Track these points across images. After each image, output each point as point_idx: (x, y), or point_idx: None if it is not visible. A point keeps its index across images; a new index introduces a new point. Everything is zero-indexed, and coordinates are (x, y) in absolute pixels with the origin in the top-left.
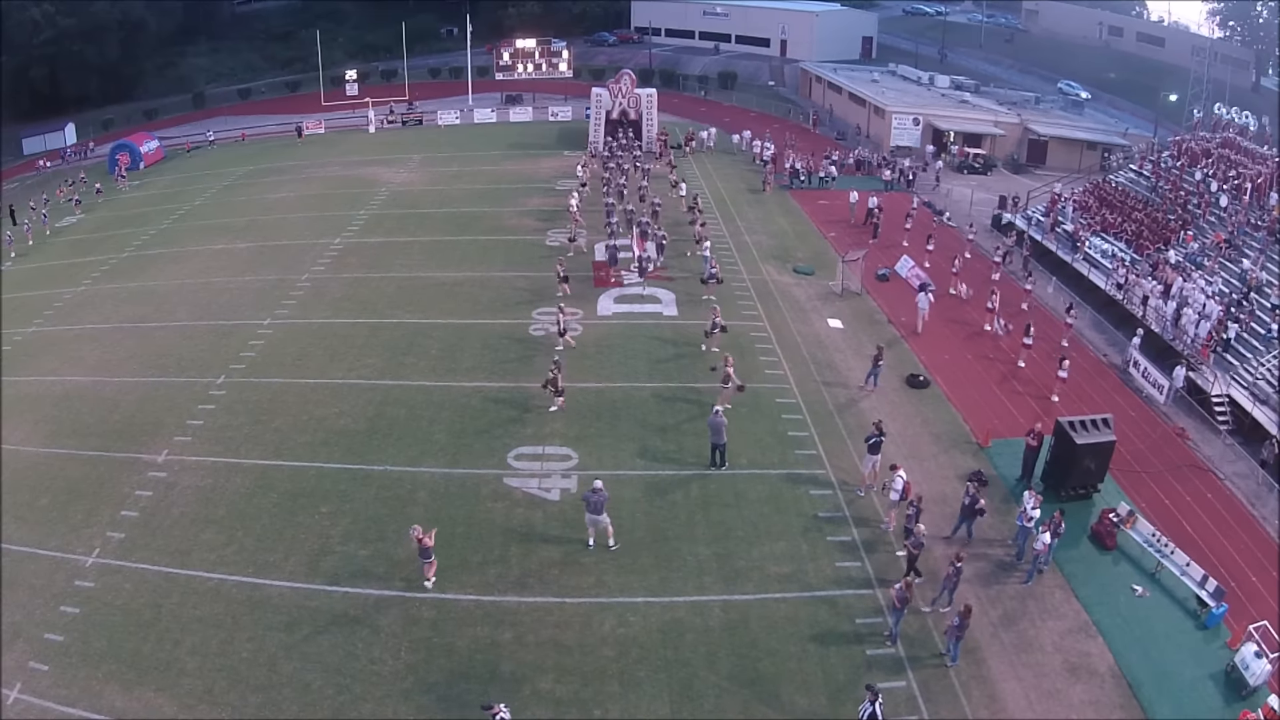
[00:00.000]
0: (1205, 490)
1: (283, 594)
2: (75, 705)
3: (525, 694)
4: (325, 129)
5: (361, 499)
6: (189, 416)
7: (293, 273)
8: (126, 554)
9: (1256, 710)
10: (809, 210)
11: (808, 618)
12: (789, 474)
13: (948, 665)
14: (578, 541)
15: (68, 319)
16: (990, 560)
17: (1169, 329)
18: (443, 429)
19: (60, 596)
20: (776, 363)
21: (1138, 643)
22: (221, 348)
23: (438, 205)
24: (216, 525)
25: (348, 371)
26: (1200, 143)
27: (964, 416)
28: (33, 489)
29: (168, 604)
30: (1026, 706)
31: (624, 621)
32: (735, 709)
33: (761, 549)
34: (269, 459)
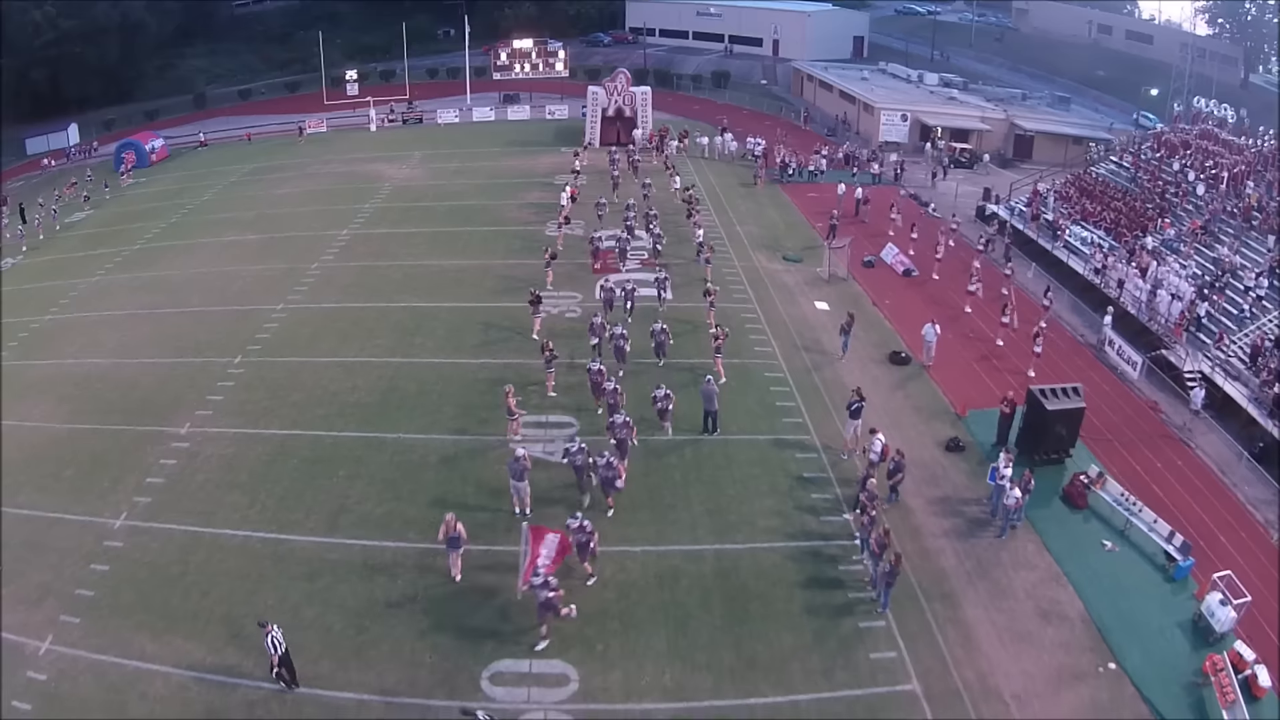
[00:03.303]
0: (1176, 458)
1: (304, 548)
2: (106, 653)
3: (533, 632)
4: (327, 128)
5: (376, 463)
6: (209, 393)
7: (302, 262)
8: (153, 516)
9: (1222, 654)
10: (798, 202)
11: (794, 565)
12: (776, 439)
13: (879, 610)
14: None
15: (84, 307)
16: (965, 517)
17: (1144, 310)
18: (451, 401)
19: (89, 556)
20: (765, 341)
21: (1107, 593)
22: (237, 331)
23: (440, 199)
24: (240, 489)
25: (359, 350)
26: (1179, 135)
27: (943, 390)
28: (58, 461)
29: (195, 560)
30: (1000, 646)
31: (623, 568)
32: (727, 645)
33: (751, 505)
34: (288, 429)
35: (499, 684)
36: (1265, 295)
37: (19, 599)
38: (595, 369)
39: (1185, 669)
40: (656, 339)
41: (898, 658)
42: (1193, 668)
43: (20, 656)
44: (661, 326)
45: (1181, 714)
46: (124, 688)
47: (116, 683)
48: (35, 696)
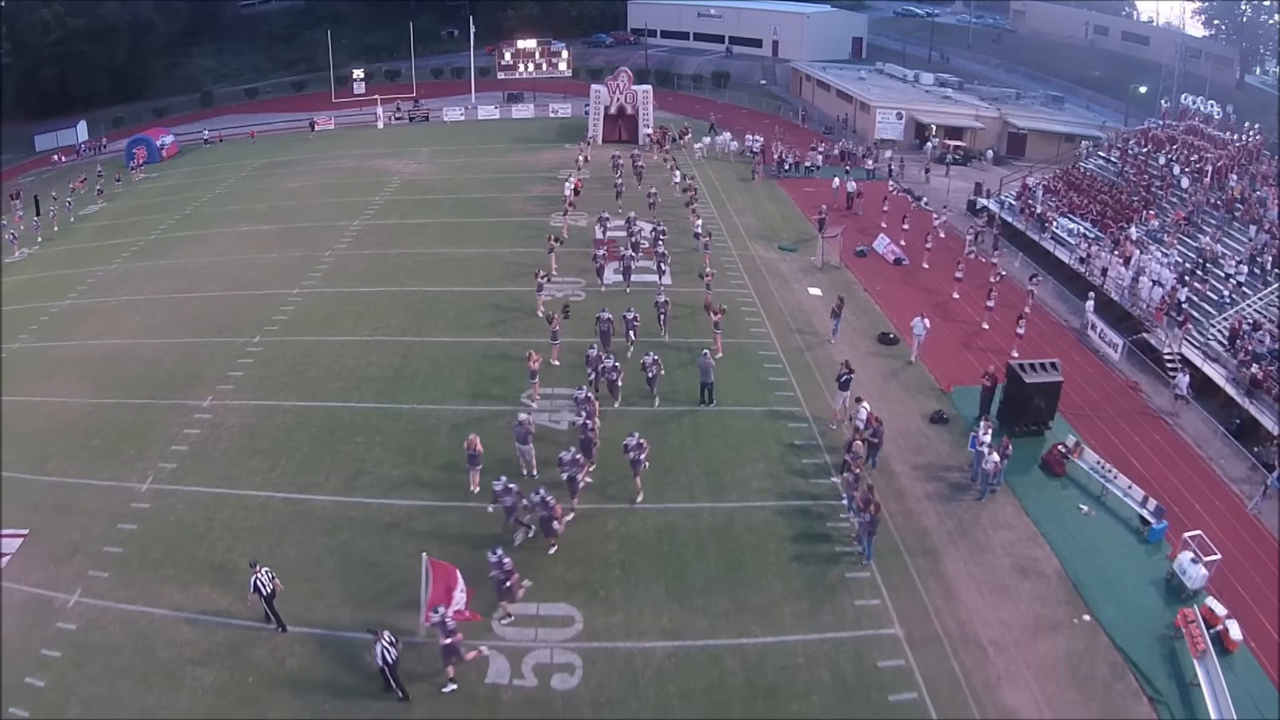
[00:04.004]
0: (1154, 433)
1: (325, 506)
2: (135, 603)
3: (541, 579)
4: (335, 125)
5: (392, 431)
6: (229, 369)
7: (316, 250)
8: (179, 480)
9: (1194, 609)
10: (795, 196)
11: (784, 522)
12: (769, 411)
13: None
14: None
15: (102, 292)
16: (948, 482)
17: (1126, 296)
18: (462, 376)
19: (117, 517)
20: (760, 323)
21: (1083, 552)
22: (254, 313)
23: (448, 192)
24: (261, 455)
25: (373, 330)
26: (1166, 130)
27: (929, 368)
28: (84, 432)
29: (219, 518)
30: (978, 597)
31: (625, 523)
32: (721, 591)
33: (744, 468)
34: (306, 401)
35: (508, 625)
36: (1244, 282)
37: (48, 557)
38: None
39: (1158, 623)
40: (648, 371)
41: (881, 605)
42: (1165, 622)
43: (49, 609)
44: (654, 358)
45: (1154, 664)
46: (152, 634)
47: (145, 630)
48: (64, 645)
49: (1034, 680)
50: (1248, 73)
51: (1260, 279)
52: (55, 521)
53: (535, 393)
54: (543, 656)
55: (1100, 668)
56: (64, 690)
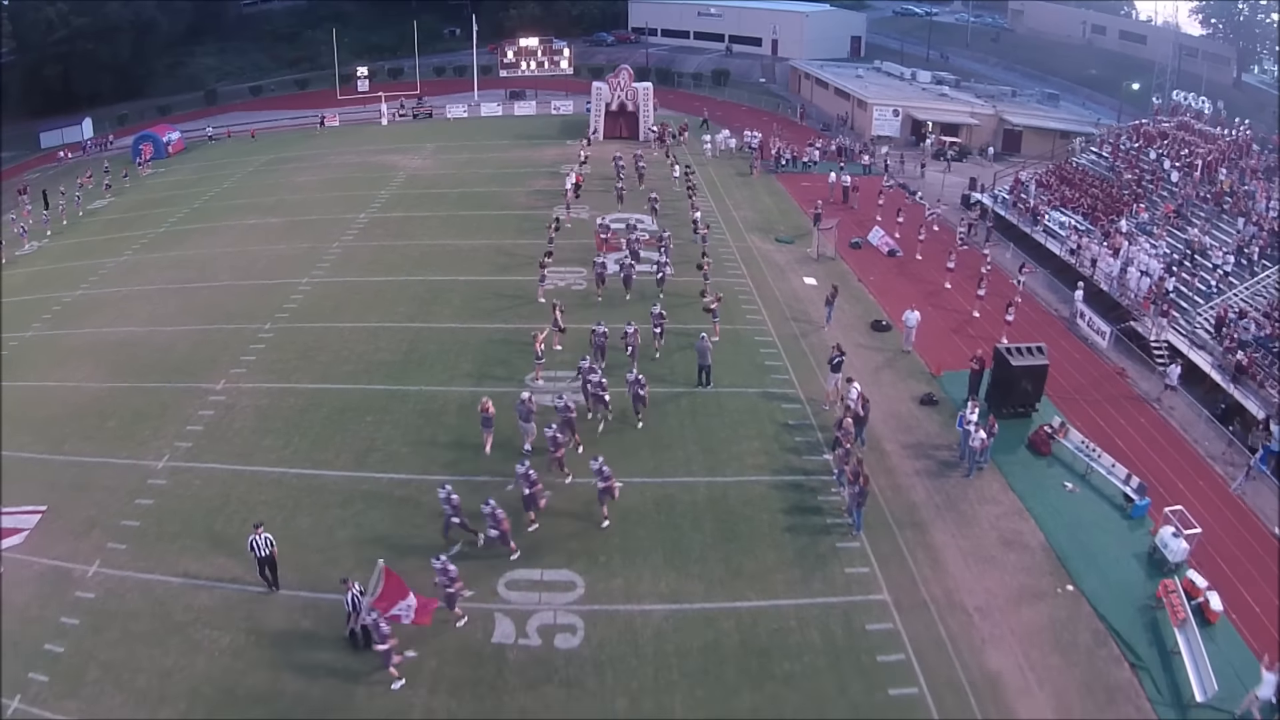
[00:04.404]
0: (1139, 416)
1: (337, 481)
2: (152, 572)
3: (544, 548)
4: (340, 122)
5: (401, 411)
6: (241, 354)
7: (324, 242)
8: (195, 457)
9: (1175, 580)
10: (792, 190)
11: (777, 495)
12: (764, 392)
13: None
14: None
15: (114, 283)
16: (936, 460)
17: (1114, 286)
18: (468, 360)
19: (134, 493)
20: (757, 310)
21: (1067, 526)
22: (265, 301)
23: (452, 186)
24: (275, 434)
25: (382, 317)
26: (1158, 126)
27: (919, 353)
28: (100, 414)
29: (235, 493)
30: (965, 567)
31: (624, 495)
32: (717, 559)
33: (740, 445)
34: (317, 383)
35: (513, 589)
36: (1231, 272)
37: (67, 531)
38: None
39: (1140, 594)
40: (633, 390)
41: (870, 573)
42: (1147, 593)
43: (68, 580)
44: (636, 376)
45: (1136, 632)
46: (169, 600)
47: (162, 597)
48: (83, 613)
49: (1018, 645)
50: (1245, 71)
51: (1247, 269)
52: (73, 498)
53: (538, 373)
54: (546, 618)
55: (1083, 635)
56: (82, 655)
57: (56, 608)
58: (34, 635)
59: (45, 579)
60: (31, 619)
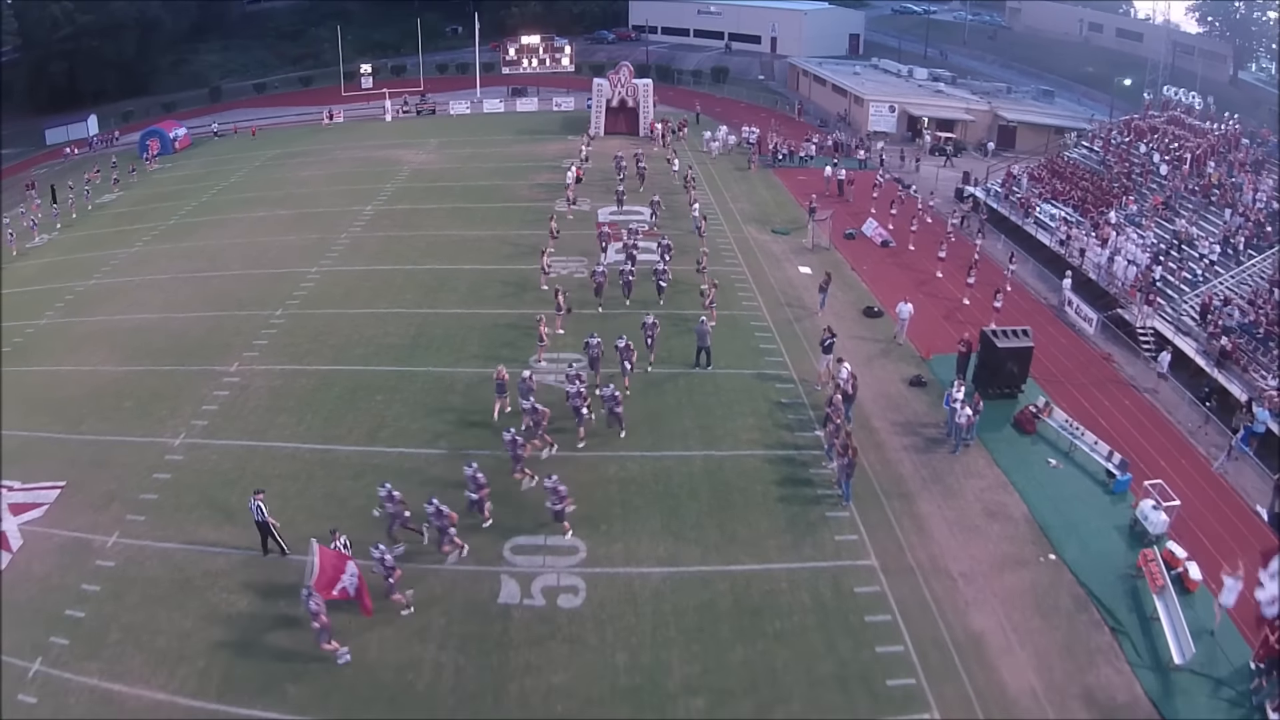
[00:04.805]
0: (1124, 399)
1: (349, 455)
2: (171, 541)
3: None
4: (344, 118)
5: (410, 390)
6: (254, 339)
7: (331, 233)
8: (211, 434)
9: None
10: (788, 184)
11: (770, 468)
12: (759, 373)
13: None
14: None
15: (126, 273)
16: (924, 437)
17: (1102, 275)
18: (474, 343)
19: (152, 468)
20: (752, 298)
21: (1050, 500)
22: (276, 289)
23: (456, 180)
24: (288, 412)
25: (390, 304)
26: (1148, 120)
27: (909, 337)
28: (117, 396)
29: (250, 466)
30: (950, 535)
31: (624, 468)
32: (712, 526)
33: (735, 422)
34: (328, 365)
35: (519, 554)
36: (1217, 261)
37: (86, 505)
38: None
39: (1121, 563)
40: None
41: (859, 540)
42: (1128, 563)
43: (88, 550)
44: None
45: (1116, 599)
46: (187, 566)
47: (181, 563)
48: (104, 580)
49: (1000, 608)
50: (1241, 69)
51: (1233, 259)
52: (92, 474)
53: (541, 354)
54: (550, 580)
55: (1064, 600)
56: (103, 619)
57: (77, 576)
58: (55, 602)
59: (66, 549)
60: (53, 587)
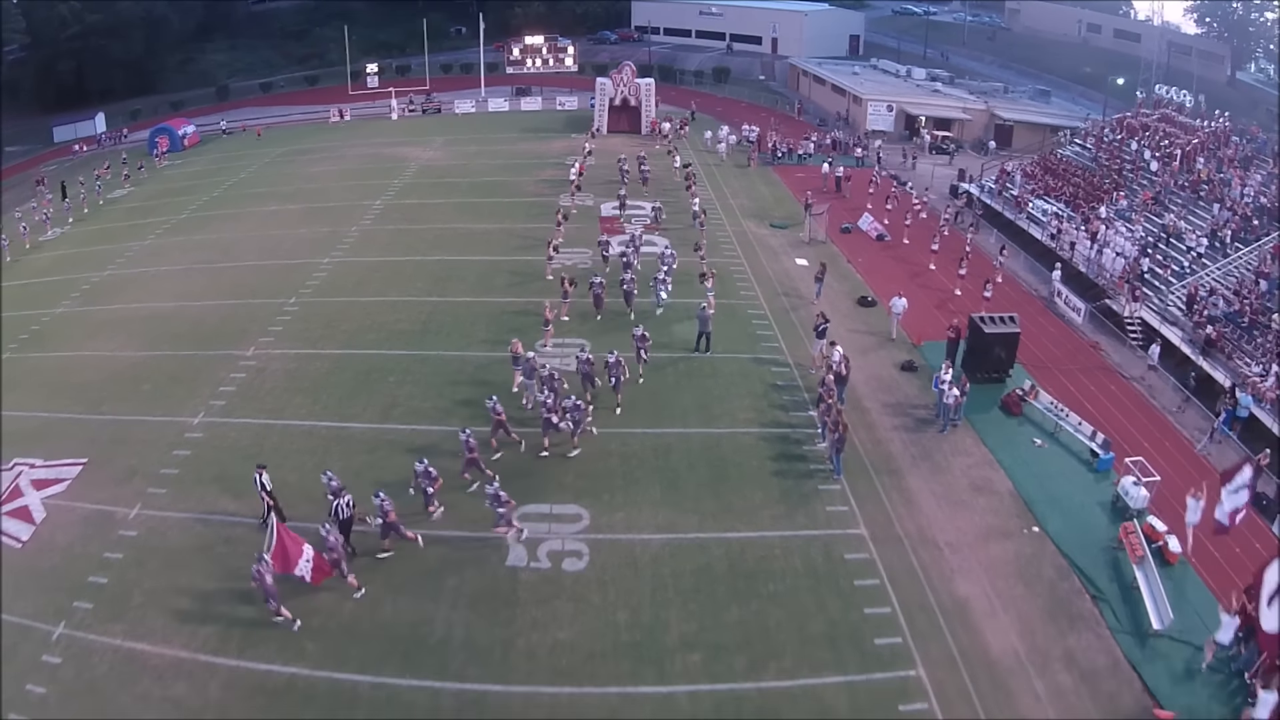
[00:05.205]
0: (1110, 385)
1: (363, 432)
2: (191, 512)
3: (553, 486)
4: (350, 117)
5: (421, 372)
6: (269, 325)
7: (342, 226)
8: (229, 413)
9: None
10: (787, 181)
11: (765, 445)
12: (755, 358)
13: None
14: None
15: (140, 264)
16: (913, 418)
17: (1092, 267)
18: (483, 329)
19: (172, 445)
20: (750, 287)
21: (1034, 476)
22: (289, 279)
23: (463, 176)
24: (304, 393)
25: (401, 292)
26: (1140, 119)
27: (902, 326)
28: (135, 379)
29: (269, 442)
30: (937, 508)
31: (625, 444)
32: (709, 497)
33: (732, 402)
34: (342, 349)
35: (525, 521)
36: (1204, 254)
37: (108, 479)
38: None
39: (1102, 536)
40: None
41: (849, 511)
42: (1109, 536)
43: (110, 521)
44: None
45: (1097, 569)
46: (209, 536)
47: (202, 534)
48: (126, 548)
49: (985, 576)
50: (1239, 69)
51: (1220, 251)
52: (112, 451)
53: (548, 339)
54: (555, 545)
55: (1047, 569)
56: (126, 585)
57: (100, 545)
58: (78, 569)
59: (89, 521)
60: (76, 555)
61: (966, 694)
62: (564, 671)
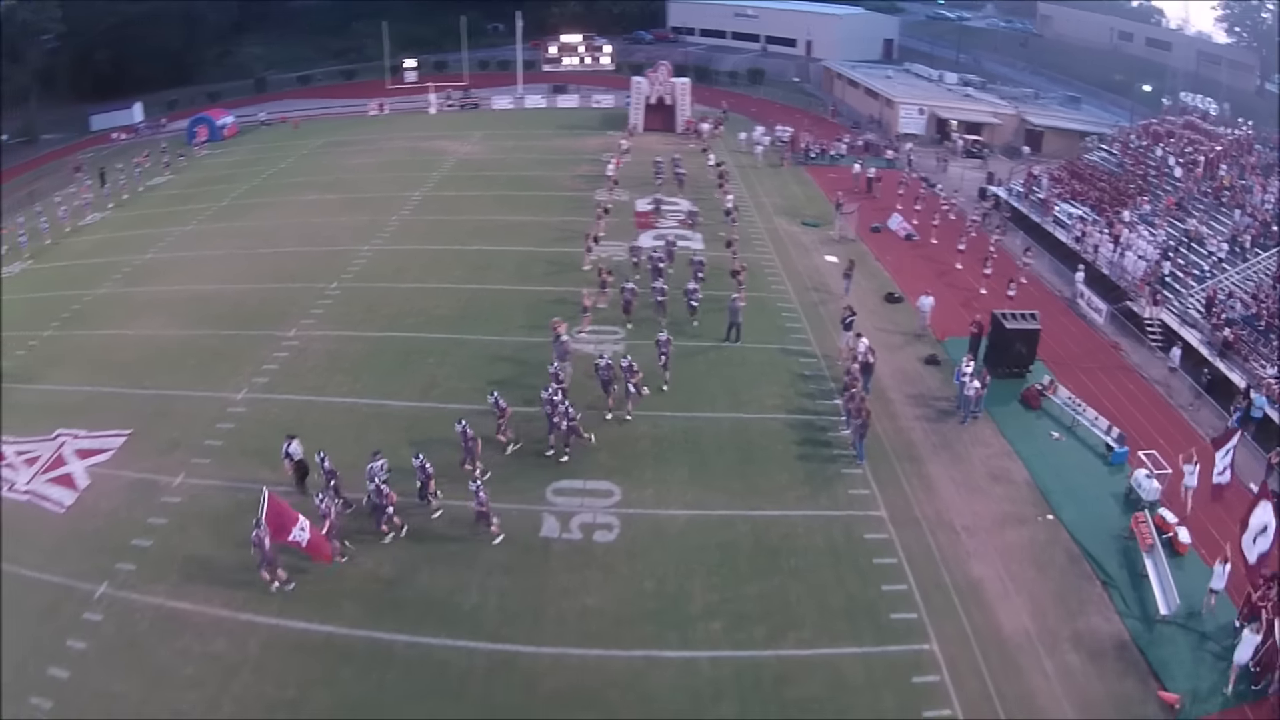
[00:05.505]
0: (1128, 383)
1: (403, 409)
2: (235, 480)
3: (587, 464)
4: (389, 110)
5: (460, 355)
6: (310, 308)
7: (382, 215)
8: (271, 390)
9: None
10: (819, 180)
11: (791, 430)
12: (784, 348)
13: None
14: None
15: (182, 248)
16: (935, 409)
17: (1114, 270)
18: (521, 315)
19: (215, 419)
20: (781, 282)
21: (1051, 467)
22: (330, 265)
23: (500, 170)
24: (345, 372)
25: (440, 279)
26: (1165, 125)
27: (928, 322)
28: (179, 356)
29: (309, 418)
30: (955, 494)
31: (656, 426)
32: (736, 477)
33: (760, 389)
34: (382, 332)
35: (559, 495)
36: (1224, 258)
37: (152, 450)
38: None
39: (1115, 526)
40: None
41: (870, 494)
42: (1121, 526)
43: (154, 489)
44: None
45: (1108, 556)
46: (250, 503)
47: (244, 501)
48: (169, 514)
49: (999, 559)
50: (1268, 80)
51: (1240, 256)
52: (157, 424)
53: (585, 325)
54: (587, 518)
55: (1059, 555)
56: (169, 548)
57: (144, 511)
58: (122, 533)
59: (133, 488)
60: (120, 520)
61: (978, 669)
62: (592, 635)
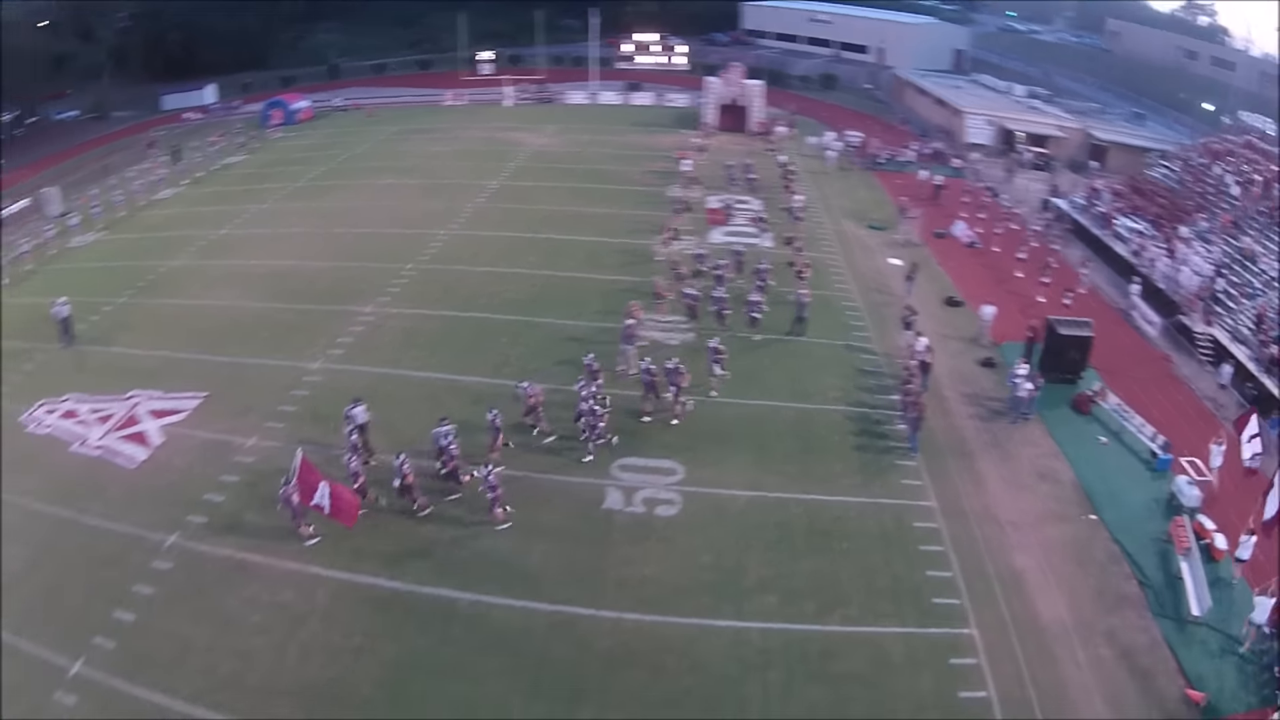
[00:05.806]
0: (1176, 395)
1: (474, 384)
2: (307, 443)
3: (653, 444)
4: (465, 101)
5: (532, 336)
6: (386, 286)
7: (457, 202)
8: (346, 361)
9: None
10: (886, 186)
11: (849, 422)
12: (847, 344)
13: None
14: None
15: (258, 225)
16: (988, 409)
17: (1170, 284)
18: (593, 300)
19: (290, 386)
20: (846, 282)
21: (1097, 469)
22: (406, 247)
23: (575, 163)
24: (419, 348)
25: (514, 264)
26: (1225, 144)
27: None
28: (254, 328)
29: (384, 390)
30: (1002, 490)
31: (720, 412)
32: (794, 462)
33: (822, 381)
34: (456, 311)
35: (625, 471)
36: (1276, 277)
37: (227, 412)
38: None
39: (1154, 529)
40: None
41: (922, 485)
42: (1161, 530)
43: (228, 449)
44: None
45: (1146, 557)
46: (324, 465)
47: (319, 462)
48: (242, 472)
49: (1041, 553)
50: None
51: None
52: (231, 389)
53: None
54: (649, 493)
55: (1099, 553)
56: (240, 503)
57: (217, 469)
58: (195, 488)
59: (207, 447)
60: (193, 477)
61: (1014, 655)
62: (649, 601)
